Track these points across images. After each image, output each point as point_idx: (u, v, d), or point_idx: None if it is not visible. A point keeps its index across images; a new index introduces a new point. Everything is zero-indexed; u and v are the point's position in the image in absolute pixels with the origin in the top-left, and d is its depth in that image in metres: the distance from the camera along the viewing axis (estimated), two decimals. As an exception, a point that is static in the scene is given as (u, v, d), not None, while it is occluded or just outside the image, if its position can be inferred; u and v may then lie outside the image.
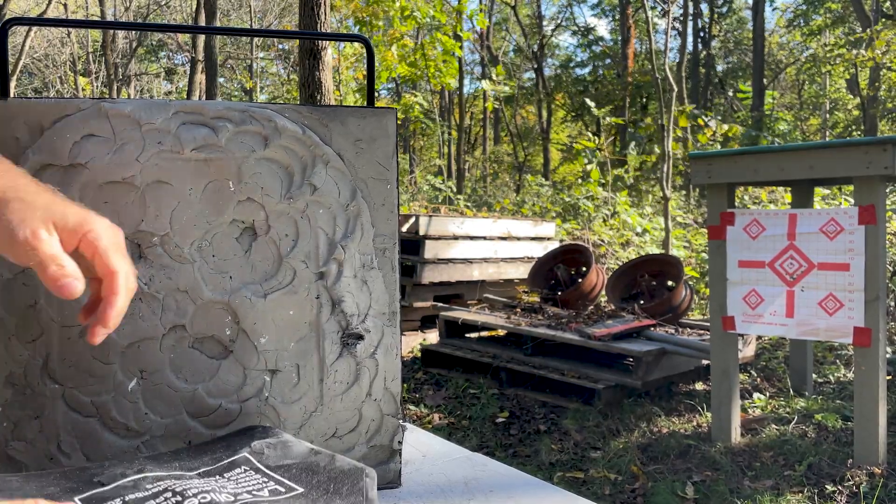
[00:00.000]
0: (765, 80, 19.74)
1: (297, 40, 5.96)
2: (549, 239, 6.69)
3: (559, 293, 5.39)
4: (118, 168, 0.79)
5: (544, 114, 21.97)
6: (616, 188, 9.85)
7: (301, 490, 0.69)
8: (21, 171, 0.67)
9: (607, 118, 11.83)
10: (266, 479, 0.70)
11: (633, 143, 12.10)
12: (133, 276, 0.66)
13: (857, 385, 2.89)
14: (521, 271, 6.17)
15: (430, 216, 5.59)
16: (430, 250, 5.42)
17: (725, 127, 8.85)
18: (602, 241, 8.57)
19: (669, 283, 5.14)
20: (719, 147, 8.82)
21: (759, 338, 4.86)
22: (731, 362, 3.21)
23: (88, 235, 0.63)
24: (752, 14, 20.13)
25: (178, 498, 0.62)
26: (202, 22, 13.32)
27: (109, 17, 20.41)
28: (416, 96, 11.78)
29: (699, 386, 4.15)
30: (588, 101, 11.49)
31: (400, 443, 0.91)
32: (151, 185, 0.80)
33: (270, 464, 0.73)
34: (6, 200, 0.62)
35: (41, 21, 0.90)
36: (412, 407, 3.92)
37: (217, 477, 0.69)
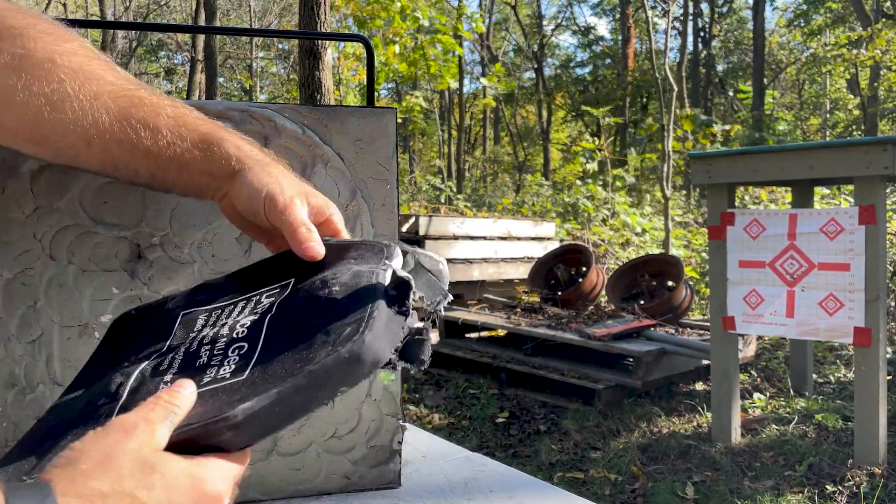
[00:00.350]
0: (765, 80, 19.74)
1: (297, 40, 5.95)
2: (549, 239, 6.69)
3: (559, 293, 5.39)
4: (118, 168, 0.78)
5: (544, 114, 21.94)
6: (616, 188, 9.84)
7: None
8: (252, 140, 0.69)
9: (607, 118, 11.83)
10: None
11: (634, 145, 12.09)
12: None
13: (858, 385, 2.89)
14: (521, 271, 6.17)
15: (430, 216, 5.59)
16: (430, 250, 5.41)
17: (727, 127, 8.85)
18: (602, 241, 8.56)
19: (669, 283, 5.14)
20: (720, 147, 8.81)
21: (759, 338, 4.86)
22: (732, 362, 3.21)
23: (333, 217, 0.67)
24: (753, 14, 20.12)
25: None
26: (202, 22, 13.31)
27: (109, 17, 20.40)
28: (416, 97, 11.76)
29: (699, 386, 4.15)
30: (584, 106, 11.50)
31: (400, 443, 0.91)
32: (151, 185, 0.79)
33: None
34: (260, 163, 0.65)
35: (41, 21, 0.90)
36: (412, 407, 3.92)
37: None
